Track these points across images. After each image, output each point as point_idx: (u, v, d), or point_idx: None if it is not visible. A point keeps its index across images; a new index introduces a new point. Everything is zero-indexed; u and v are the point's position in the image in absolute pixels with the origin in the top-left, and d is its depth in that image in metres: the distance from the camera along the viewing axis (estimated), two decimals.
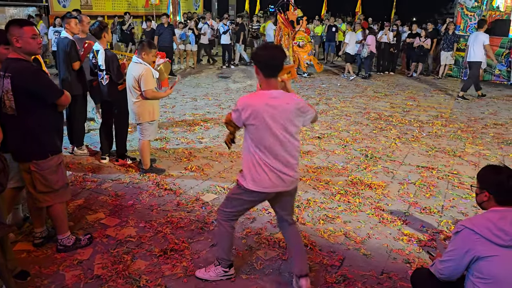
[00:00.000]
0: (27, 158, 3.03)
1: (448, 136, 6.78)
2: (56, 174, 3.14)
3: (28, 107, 2.95)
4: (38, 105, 2.99)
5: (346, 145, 6.21)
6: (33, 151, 3.03)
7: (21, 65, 2.91)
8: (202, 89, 10.36)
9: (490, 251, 2.07)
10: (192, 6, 21.04)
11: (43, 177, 3.07)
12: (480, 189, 2.30)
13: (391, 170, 5.28)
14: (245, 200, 2.80)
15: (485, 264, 2.08)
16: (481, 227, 2.11)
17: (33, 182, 3.08)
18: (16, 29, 2.89)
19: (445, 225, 3.92)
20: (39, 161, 3.03)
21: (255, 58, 2.63)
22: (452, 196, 4.57)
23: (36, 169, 3.04)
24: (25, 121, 2.96)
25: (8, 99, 2.90)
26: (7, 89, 2.88)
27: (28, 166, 3.04)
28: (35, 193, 3.12)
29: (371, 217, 4.04)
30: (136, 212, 4.02)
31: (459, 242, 2.18)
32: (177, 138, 6.36)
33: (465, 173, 5.21)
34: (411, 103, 9.23)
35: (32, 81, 2.93)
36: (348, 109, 8.51)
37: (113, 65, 4.86)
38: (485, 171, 2.33)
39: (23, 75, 2.89)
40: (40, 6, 15.17)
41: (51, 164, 3.10)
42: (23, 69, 2.90)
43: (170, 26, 11.97)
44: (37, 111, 3.00)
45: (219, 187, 4.62)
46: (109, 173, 5.00)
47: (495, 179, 2.23)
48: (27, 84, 2.90)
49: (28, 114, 2.96)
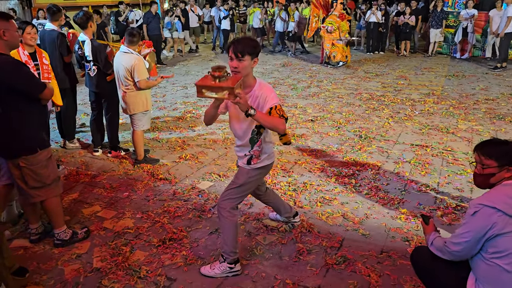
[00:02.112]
0: (15, 155, 2.95)
1: (440, 113, 6.79)
2: (47, 168, 3.09)
3: (12, 102, 2.85)
4: (22, 100, 2.90)
5: (340, 126, 6.20)
6: (21, 147, 2.95)
7: (2, 60, 2.78)
8: (192, 77, 10.25)
9: (510, 226, 1.98)
10: None
11: (34, 172, 3.01)
12: (499, 167, 2.15)
13: (386, 149, 5.29)
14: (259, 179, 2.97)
15: (503, 240, 1.99)
16: (501, 203, 2.01)
17: (24, 178, 3.02)
18: (3, 22, 2.79)
19: (441, 202, 3.94)
20: (28, 156, 2.96)
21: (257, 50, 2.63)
22: (447, 172, 4.59)
23: (25, 164, 2.97)
24: (10, 117, 2.86)
25: None
26: None
27: (18, 162, 2.96)
28: (27, 188, 3.06)
29: (368, 197, 4.05)
30: (132, 203, 4.00)
31: (478, 222, 2.04)
32: (169, 127, 6.30)
33: (458, 149, 5.23)
34: (402, 82, 9.22)
35: (13, 75, 2.79)
36: (339, 91, 8.48)
37: (100, 55, 4.76)
38: (497, 147, 2.19)
39: (5, 71, 2.76)
40: None
41: (41, 159, 3.03)
42: (5, 65, 2.78)
43: (157, 14, 11.79)
44: (22, 106, 2.90)
45: (215, 175, 4.60)
46: (103, 165, 4.95)
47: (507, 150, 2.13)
48: (6, 79, 2.77)
49: (13, 110, 2.86)
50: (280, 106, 2.60)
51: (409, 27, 12.62)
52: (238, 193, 2.89)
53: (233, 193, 2.88)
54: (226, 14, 13.50)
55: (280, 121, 2.53)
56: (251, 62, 2.61)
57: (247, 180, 2.88)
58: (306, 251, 3.19)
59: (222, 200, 2.89)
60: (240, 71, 2.58)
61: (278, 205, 3.43)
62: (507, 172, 2.13)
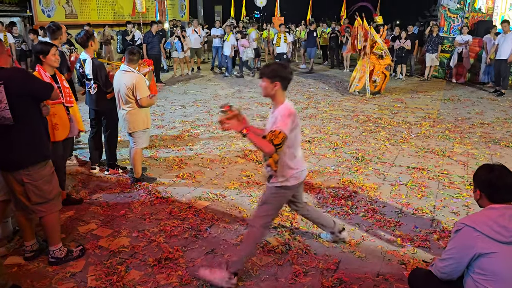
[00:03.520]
0: (22, 165, 2.98)
1: (436, 136, 6.85)
2: (50, 183, 3.13)
3: (24, 111, 2.93)
4: (32, 110, 3.01)
5: (337, 148, 6.24)
6: (29, 157, 2.99)
7: (10, 70, 2.93)
8: (190, 96, 10.33)
9: (491, 247, 2.09)
10: (178, 14, 21.02)
11: (37, 188, 3.04)
12: (474, 188, 2.34)
13: (382, 172, 5.31)
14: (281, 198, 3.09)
15: (486, 261, 2.10)
16: (481, 224, 2.13)
17: (27, 194, 3.04)
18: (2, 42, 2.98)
19: (438, 225, 3.95)
20: (35, 166, 3.01)
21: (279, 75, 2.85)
22: (443, 196, 4.61)
23: (29, 180, 3.00)
24: (21, 127, 2.93)
25: (1, 109, 2.83)
26: (1, 98, 2.82)
27: (21, 178, 2.99)
28: (30, 205, 3.08)
29: (365, 220, 4.06)
30: (129, 222, 3.98)
31: (460, 240, 2.19)
32: (167, 145, 6.32)
33: (454, 173, 5.27)
34: (399, 105, 9.32)
35: (27, 80, 2.94)
36: (337, 112, 8.56)
37: (101, 73, 4.80)
38: (478, 170, 2.36)
39: (18, 78, 2.90)
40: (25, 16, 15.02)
41: (44, 174, 3.07)
42: (16, 73, 2.93)
43: (158, 34, 11.96)
44: (31, 116, 3.01)
45: (212, 194, 4.60)
46: (100, 183, 4.95)
47: (486, 178, 2.26)
48: (23, 85, 2.89)
49: (25, 119, 2.95)
50: (279, 132, 2.70)
51: (405, 51, 12.84)
52: (265, 211, 3.05)
53: (260, 210, 3.06)
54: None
55: (265, 145, 2.67)
56: (271, 85, 2.86)
57: (268, 197, 3.05)
58: (302, 273, 3.17)
59: (253, 217, 3.09)
60: (262, 90, 2.93)
61: (320, 221, 3.52)
62: (477, 195, 2.30)
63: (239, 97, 10.25)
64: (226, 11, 23.32)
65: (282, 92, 2.92)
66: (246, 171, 5.27)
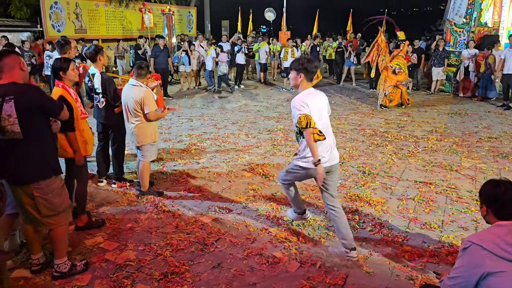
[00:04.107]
0: (31, 180, 3.00)
1: (443, 150, 6.82)
2: (60, 196, 3.15)
3: (32, 127, 2.96)
4: (41, 124, 3.03)
5: (343, 162, 6.22)
6: (38, 171, 3.02)
7: (22, 86, 2.96)
8: (197, 110, 10.39)
9: (499, 266, 2.04)
10: (185, 28, 21.28)
11: (47, 201, 3.06)
12: (480, 204, 2.30)
13: (389, 186, 5.29)
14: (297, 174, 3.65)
15: (495, 280, 2.05)
16: (488, 242, 2.09)
17: (37, 207, 3.06)
18: (13, 57, 2.98)
19: (446, 240, 3.91)
20: (46, 180, 3.03)
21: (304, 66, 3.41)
22: (451, 210, 4.57)
23: (39, 194, 3.02)
24: (30, 142, 2.96)
25: (10, 123, 2.87)
26: (10, 113, 2.85)
27: (31, 192, 3.01)
28: (40, 218, 3.10)
29: (372, 234, 4.02)
30: (135, 235, 3.98)
31: (467, 259, 2.15)
32: (174, 159, 6.34)
33: (462, 187, 5.23)
34: (406, 119, 9.31)
35: (37, 97, 2.97)
36: (343, 126, 8.56)
37: (109, 87, 4.85)
38: (484, 185, 2.33)
39: (28, 94, 2.93)
40: (35, 31, 15.28)
41: (55, 187, 3.10)
42: (26, 89, 2.96)
43: (165, 48, 12.09)
44: (40, 131, 3.03)
45: (218, 208, 4.59)
46: (107, 196, 4.96)
47: (491, 193, 2.22)
48: (33, 102, 2.93)
49: (34, 134, 2.97)
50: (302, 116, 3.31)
51: (411, 65, 12.86)
52: (286, 175, 3.73)
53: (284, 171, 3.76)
54: (239, 48, 13.77)
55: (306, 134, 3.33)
56: (297, 76, 3.45)
57: (290, 168, 3.68)
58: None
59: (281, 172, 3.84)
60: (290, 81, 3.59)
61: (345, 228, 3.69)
62: (484, 211, 2.27)
63: (245, 110, 10.30)
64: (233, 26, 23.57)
65: (307, 83, 3.48)
66: (252, 185, 5.27)
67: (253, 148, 6.95)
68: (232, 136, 7.71)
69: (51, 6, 14.26)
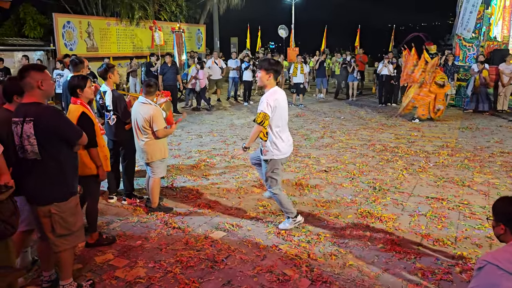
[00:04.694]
0: (48, 201, 3.00)
1: (455, 165, 6.75)
2: (75, 215, 3.14)
3: (51, 149, 2.97)
4: (60, 146, 3.03)
5: (354, 177, 6.19)
6: (55, 193, 3.02)
7: (42, 108, 2.95)
8: (206, 126, 10.45)
9: None
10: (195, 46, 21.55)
11: (63, 220, 3.05)
12: (496, 222, 2.25)
13: (401, 202, 5.23)
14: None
15: None
16: (505, 261, 2.05)
17: (53, 226, 3.04)
18: (39, 73, 2.96)
19: (460, 258, 3.84)
20: (60, 203, 3.02)
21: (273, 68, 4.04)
22: (464, 227, 4.50)
23: (57, 211, 3.01)
24: (49, 163, 2.97)
25: (30, 144, 2.89)
26: (29, 134, 2.88)
27: (49, 209, 3.00)
28: (54, 238, 3.07)
29: (384, 251, 3.97)
30: (145, 252, 3.97)
31: (483, 278, 2.10)
32: (183, 175, 6.36)
33: (475, 203, 5.15)
34: (416, 134, 9.25)
35: (56, 122, 2.98)
36: (353, 142, 8.53)
37: (120, 105, 4.92)
38: (499, 202, 2.28)
39: (47, 118, 2.93)
40: (48, 50, 15.60)
41: (71, 206, 3.10)
42: (46, 112, 2.96)
43: (174, 65, 12.22)
44: (59, 153, 3.03)
45: (228, 224, 4.58)
46: (117, 212, 4.98)
47: (510, 211, 2.19)
48: (51, 127, 2.94)
49: (51, 156, 2.98)
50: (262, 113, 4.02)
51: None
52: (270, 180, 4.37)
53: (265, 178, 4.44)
54: (247, 66, 13.86)
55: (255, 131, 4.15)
56: (266, 75, 4.05)
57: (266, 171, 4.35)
58: None
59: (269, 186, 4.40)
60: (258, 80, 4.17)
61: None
62: (501, 230, 2.22)
63: None
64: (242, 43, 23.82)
65: (273, 82, 4.11)
66: (262, 201, 5.25)
67: None
68: None
69: (64, 26, 14.58)
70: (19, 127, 2.91)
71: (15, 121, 2.93)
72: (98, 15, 17.13)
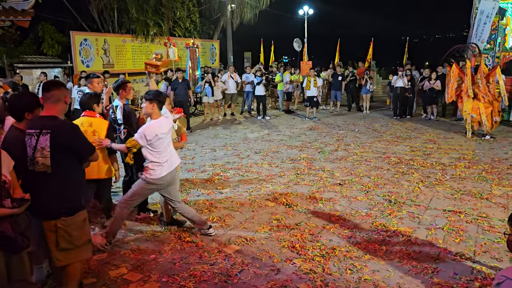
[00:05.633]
0: (56, 216, 3.01)
1: (472, 178, 6.63)
2: (80, 230, 3.13)
3: (63, 163, 3.01)
4: (71, 161, 3.08)
5: (368, 190, 6.12)
6: (63, 207, 3.03)
7: (60, 122, 3.04)
8: (220, 140, 10.49)
9: None
10: (208, 61, 21.78)
11: (68, 234, 3.04)
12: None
13: (417, 215, 5.14)
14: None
15: None
16: None
17: (57, 239, 3.03)
18: (62, 89, 3.09)
19: (479, 272, 3.74)
20: (67, 217, 3.03)
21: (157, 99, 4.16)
22: (483, 240, 4.40)
23: (62, 225, 3.02)
24: (58, 177, 3.00)
25: (42, 155, 2.93)
26: (44, 146, 2.92)
27: (55, 224, 3.01)
28: (55, 251, 3.04)
29: (400, 266, 3.89)
30: (159, 266, 3.97)
31: None
32: (197, 189, 6.37)
33: (494, 216, 5.04)
34: (431, 146, 9.13)
35: (73, 137, 3.05)
36: (367, 154, 8.46)
37: (131, 119, 5.07)
38: None
39: (64, 132, 3.00)
40: (65, 67, 15.95)
41: (78, 221, 3.10)
42: (63, 126, 3.03)
43: (184, 80, 12.38)
44: (70, 167, 3.08)
45: (242, 238, 4.55)
46: (131, 227, 5.00)
47: None
48: (67, 141, 3.00)
49: (62, 170, 3.01)
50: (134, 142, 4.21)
51: (435, 92, 12.73)
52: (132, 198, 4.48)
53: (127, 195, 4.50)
54: (260, 80, 13.92)
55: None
56: (150, 105, 4.14)
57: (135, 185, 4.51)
58: None
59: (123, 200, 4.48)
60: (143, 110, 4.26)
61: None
62: None
63: (268, 140, 10.33)
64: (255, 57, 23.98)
65: (158, 112, 4.19)
66: (276, 215, 5.22)
67: (276, 177, 6.92)
68: (255, 165, 7.72)
69: (81, 43, 14.90)
70: (33, 139, 2.95)
71: (30, 133, 2.98)
72: (114, 32, 17.48)
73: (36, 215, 3.06)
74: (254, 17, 23.60)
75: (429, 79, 12.88)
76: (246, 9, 23.13)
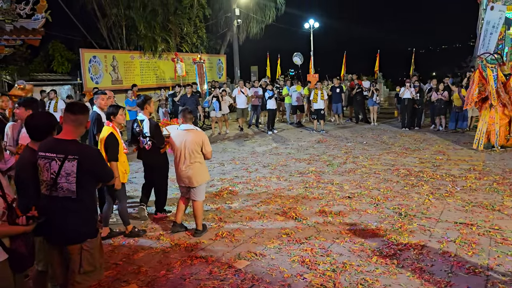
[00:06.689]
0: (82, 239, 2.97)
1: (483, 189, 6.56)
2: (99, 251, 3.13)
3: (87, 188, 3.01)
4: (94, 185, 3.15)
5: (378, 203, 6.08)
6: (88, 230, 3.01)
7: (85, 148, 3.07)
8: (228, 154, 10.51)
9: None
10: (216, 75, 21.97)
11: (91, 256, 3.01)
12: None
13: (428, 228, 5.09)
14: None
15: None
16: None
17: (81, 262, 2.98)
18: (87, 115, 3.11)
19: (493, 286, 3.68)
20: (92, 239, 3.01)
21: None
22: (496, 253, 4.33)
23: (88, 247, 2.98)
24: (82, 201, 2.95)
25: (67, 181, 2.88)
26: (70, 172, 2.87)
27: (80, 247, 2.96)
28: (78, 275, 2.98)
29: (412, 280, 3.85)
30: (169, 283, 3.96)
31: None
32: (206, 204, 6.37)
33: (507, 228, 4.97)
34: (441, 157, 9.07)
35: (99, 163, 3.07)
36: (376, 167, 8.42)
37: (157, 132, 5.53)
38: None
39: (92, 158, 3.00)
40: (75, 84, 16.18)
41: (99, 242, 3.12)
42: (90, 152, 3.06)
43: (193, 95, 12.48)
44: (92, 191, 3.14)
45: (252, 253, 4.53)
46: (141, 243, 5.00)
47: None
48: (94, 167, 2.99)
49: (86, 194, 2.99)
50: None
51: (443, 103, 12.69)
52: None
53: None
54: (271, 95, 13.90)
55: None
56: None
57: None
58: None
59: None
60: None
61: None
62: None
63: (276, 153, 10.34)
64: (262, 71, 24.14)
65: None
66: (285, 229, 5.19)
67: (285, 191, 6.91)
68: (264, 179, 7.72)
69: (90, 60, 15.14)
70: (55, 163, 2.87)
71: (49, 156, 2.89)
72: (123, 49, 17.74)
73: (59, 240, 3.01)
74: (260, 31, 23.85)
75: (436, 90, 12.86)
76: (252, 24, 23.42)
